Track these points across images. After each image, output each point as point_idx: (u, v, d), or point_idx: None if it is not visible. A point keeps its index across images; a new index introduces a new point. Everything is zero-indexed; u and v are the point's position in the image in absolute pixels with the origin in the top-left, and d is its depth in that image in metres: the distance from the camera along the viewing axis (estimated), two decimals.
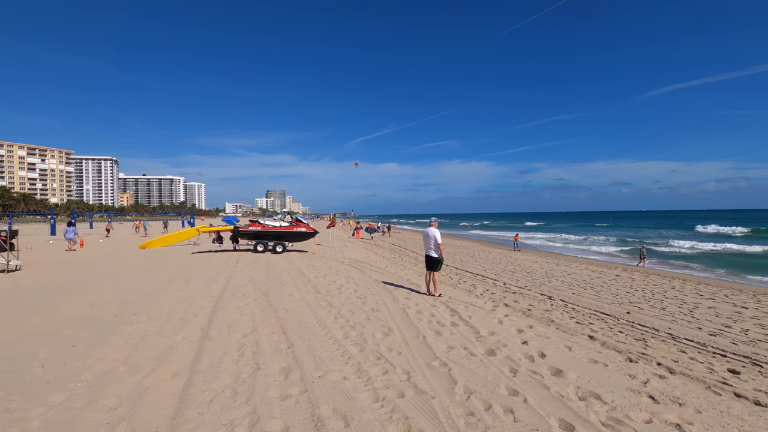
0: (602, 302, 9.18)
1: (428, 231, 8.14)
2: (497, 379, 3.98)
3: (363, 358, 4.47)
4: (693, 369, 4.85)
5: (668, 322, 7.55)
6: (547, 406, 3.42)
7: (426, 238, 8.13)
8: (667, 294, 10.69)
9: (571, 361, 4.69)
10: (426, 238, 8.13)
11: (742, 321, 7.90)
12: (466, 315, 6.59)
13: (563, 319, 7.09)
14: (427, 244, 8.13)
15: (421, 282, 9.94)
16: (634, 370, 4.54)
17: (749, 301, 10.18)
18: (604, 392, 3.80)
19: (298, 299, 7.54)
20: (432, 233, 8.05)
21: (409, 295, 8.13)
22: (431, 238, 8.02)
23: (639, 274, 15.30)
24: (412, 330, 5.61)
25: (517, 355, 4.76)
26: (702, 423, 3.33)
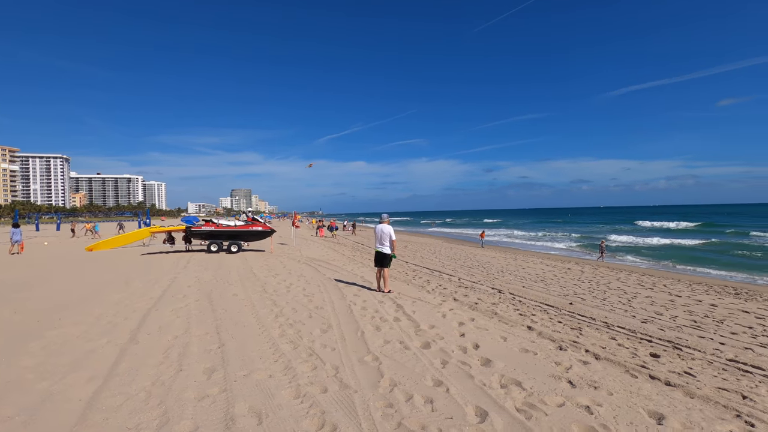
0: (549, 294, 9.54)
1: (381, 227, 8.20)
2: (425, 371, 4.03)
3: (295, 355, 4.41)
4: (617, 354, 5.11)
5: (606, 311, 7.94)
6: (467, 395, 3.50)
7: (380, 234, 8.17)
8: (611, 285, 11.26)
9: (503, 351, 4.83)
10: (380, 234, 8.17)
11: (674, 308, 8.44)
12: (410, 310, 6.65)
13: (507, 312, 7.30)
14: (379, 240, 8.19)
15: (374, 279, 9.94)
16: (561, 358, 4.74)
17: (684, 290, 10.90)
18: (527, 379, 3.94)
19: (242, 299, 7.35)
20: (386, 230, 8.12)
21: (359, 292, 8.13)
22: (385, 234, 8.10)
23: (589, 267, 16.05)
24: (352, 326, 5.60)
25: (451, 347, 4.85)
26: (611, 404, 3.52)
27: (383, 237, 8.10)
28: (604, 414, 3.30)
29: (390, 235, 8.05)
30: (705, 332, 6.58)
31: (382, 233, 8.11)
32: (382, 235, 8.11)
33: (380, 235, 8.14)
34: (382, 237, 8.11)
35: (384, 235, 8.09)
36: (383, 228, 8.14)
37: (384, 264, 8.14)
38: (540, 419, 3.13)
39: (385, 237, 8.08)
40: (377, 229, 8.25)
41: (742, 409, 3.65)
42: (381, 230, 8.15)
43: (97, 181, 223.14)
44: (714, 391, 4.09)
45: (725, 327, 6.98)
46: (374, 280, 9.83)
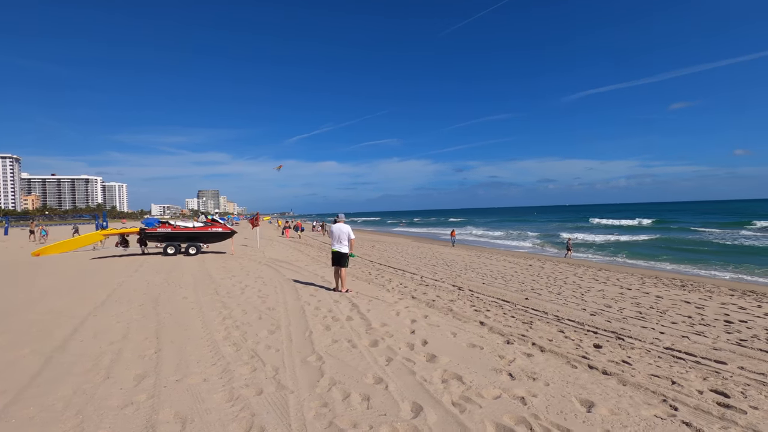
0: (507, 290, 9.75)
1: (339, 227, 8.19)
2: (368, 368, 4.00)
3: (235, 357, 4.28)
4: (562, 346, 5.27)
5: (559, 305, 8.18)
6: (405, 391, 3.50)
7: (338, 233, 8.13)
8: (568, 280, 11.64)
9: (450, 346, 4.88)
10: (338, 233, 8.13)
11: (623, 301, 8.80)
12: (365, 309, 6.62)
13: (463, 308, 7.40)
14: (337, 239, 8.14)
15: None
16: (506, 352, 4.83)
17: (635, 283, 11.41)
18: (468, 373, 3.98)
19: (191, 302, 7.09)
20: (344, 229, 8.14)
21: (316, 292, 8.03)
22: (344, 233, 8.10)
23: (550, 263, 16.56)
24: (301, 326, 5.51)
25: (399, 344, 4.85)
26: (546, 394, 3.61)
27: (341, 236, 8.10)
28: (537, 404, 3.38)
29: (348, 234, 8.08)
30: (648, 323, 6.90)
31: (341, 232, 8.10)
32: (341, 234, 8.10)
33: (338, 234, 8.12)
34: (341, 236, 8.10)
35: (342, 234, 8.09)
36: (341, 227, 8.14)
37: (342, 263, 8.13)
38: (473, 412, 3.17)
39: (343, 236, 8.09)
40: (335, 228, 8.20)
41: (669, 393, 3.83)
42: (339, 229, 8.13)
43: (52, 182, 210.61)
44: (646, 378, 4.28)
45: (667, 317, 7.35)
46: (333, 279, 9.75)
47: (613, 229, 44.90)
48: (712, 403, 3.70)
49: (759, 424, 3.28)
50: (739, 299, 9.43)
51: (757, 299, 9.55)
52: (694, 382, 4.20)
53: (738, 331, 6.44)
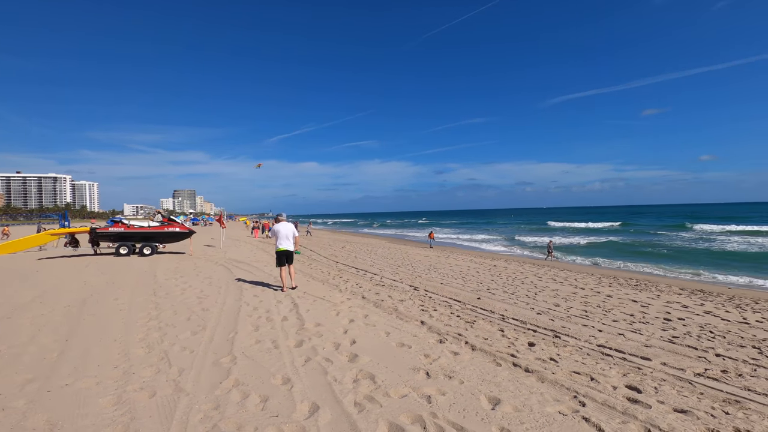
0: (463, 290, 9.78)
1: (286, 225, 8.33)
2: (280, 369, 3.90)
3: (143, 360, 4.10)
4: (495, 345, 5.27)
5: (510, 304, 8.25)
6: (310, 392, 3.41)
7: (285, 232, 8.26)
8: (526, 280, 11.79)
9: (378, 346, 4.82)
10: (285, 232, 8.26)
11: (573, 300, 8.95)
12: (306, 309, 6.51)
13: (410, 308, 7.36)
14: (285, 237, 8.25)
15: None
16: (434, 350, 4.80)
17: (590, 283, 11.66)
18: (384, 373, 3.92)
19: (121, 303, 6.82)
20: (290, 227, 8.35)
21: (261, 292, 7.87)
22: (290, 231, 8.30)
23: (515, 264, 16.79)
24: (229, 327, 5.35)
25: (325, 344, 4.76)
26: (456, 392, 3.58)
27: (289, 234, 8.27)
28: (442, 402, 3.34)
29: (294, 233, 8.33)
30: (590, 321, 7.02)
31: (288, 231, 8.28)
32: (288, 232, 8.28)
33: (285, 232, 8.26)
34: (288, 234, 8.27)
35: (290, 233, 8.29)
36: (287, 226, 8.32)
37: (290, 261, 8.33)
38: (371, 411, 3.10)
39: (290, 234, 8.29)
40: (280, 227, 8.28)
41: (583, 390, 3.86)
42: (286, 228, 8.29)
43: (17, 180, 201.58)
44: (567, 375, 4.32)
45: (610, 315, 7.49)
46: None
47: (585, 231, 46.07)
48: (621, 398, 3.75)
49: (657, 418, 3.33)
50: (685, 298, 9.75)
51: (702, 298, 9.90)
52: (612, 379, 4.26)
53: (673, 329, 6.63)
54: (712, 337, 6.17)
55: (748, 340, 6.03)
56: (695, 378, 4.42)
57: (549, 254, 20.75)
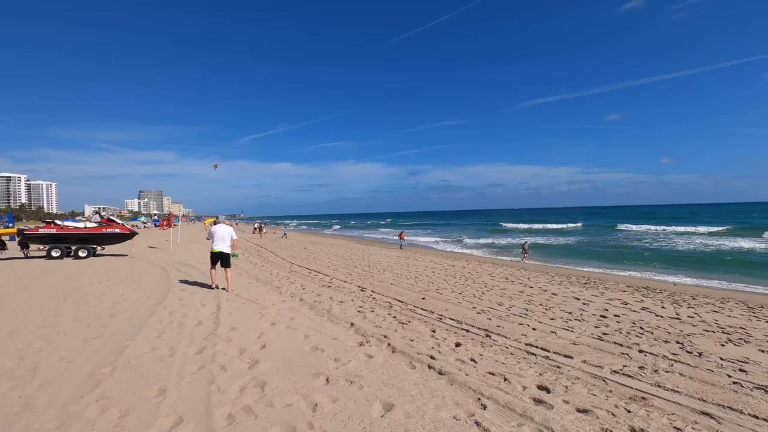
0: (411, 290, 9.61)
1: (223, 227, 8.35)
2: (162, 379, 3.58)
3: (5, 373, 3.66)
4: (417, 347, 5.09)
5: (453, 304, 8.12)
6: (181, 404, 3.11)
7: (222, 234, 8.25)
8: (479, 280, 11.77)
9: (288, 350, 4.55)
10: (222, 234, 8.25)
11: (518, 299, 8.93)
12: (228, 312, 6.17)
13: (346, 309, 7.13)
14: (221, 239, 8.23)
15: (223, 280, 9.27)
16: (349, 354, 4.58)
17: (541, 282, 11.76)
18: (280, 380, 3.66)
19: (21, 309, 6.27)
20: (228, 230, 8.35)
21: (190, 295, 7.51)
22: (227, 234, 8.29)
23: (475, 263, 16.86)
24: (129, 334, 4.95)
25: (229, 350, 4.45)
26: (349, 398, 3.36)
27: (225, 236, 8.25)
28: (328, 411, 3.11)
29: (231, 235, 8.31)
30: (527, 319, 6.97)
31: (224, 233, 8.25)
32: (224, 234, 8.25)
33: (222, 234, 8.23)
34: (224, 236, 8.24)
35: (226, 235, 8.27)
36: (224, 228, 8.32)
37: (226, 263, 8.24)
38: (241, 424, 2.84)
39: (227, 236, 8.26)
40: (217, 229, 8.27)
41: (489, 391, 3.72)
42: (223, 230, 8.27)
43: None
44: (480, 376, 4.18)
45: (550, 313, 7.49)
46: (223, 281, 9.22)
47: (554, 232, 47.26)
48: (527, 399, 3.63)
49: (554, 419, 3.21)
50: (628, 295, 9.95)
51: (644, 295, 10.13)
52: (526, 379, 4.15)
53: (606, 325, 6.66)
54: (641, 333, 6.23)
55: (674, 336, 6.12)
56: (611, 375, 4.38)
57: (524, 255, 20.51)
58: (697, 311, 8.13)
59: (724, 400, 3.78)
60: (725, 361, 4.94)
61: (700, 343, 5.72)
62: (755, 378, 4.38)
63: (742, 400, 3.80)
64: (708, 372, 4.55)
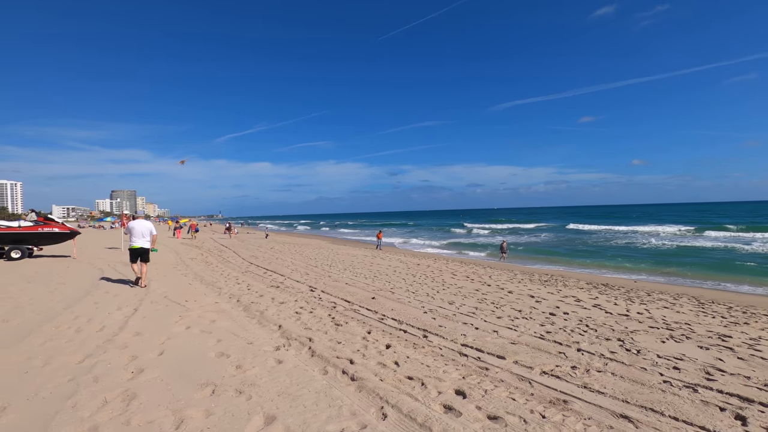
0: (365, 290, 9.25)
1: (142, 223, 8.38)
2: (13, 395, 3.09)
3: None
4: (342, 350, 4.75)
5: (402, 303, 7.79)
6: (12, 426, 2.64)
7: (140, 230, 8.27)
8: (438, 278, 11.51)
9: (187, 357, 4.13)
10: (140, 230, 8.27)
11: (471, 297, 8.69)
12: (143, 315, 5.70)
13: (283, 310, 6.74)
14: (140, 235, 8.25)
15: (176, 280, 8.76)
16: (257, 359, 4.20)
17: (501, 280, 11.59)
18: (158, 392, 3.25)
19: None
20: (147, 225, 8.38)
21: (111, 297, 7.00)
22: (146, 229, 8.34)
23: (443, 262, 16.65)
24: (8, 341, 4.40)
25: (117, 358, 4.00)
26: (227, 412, 2.99)
27: (144, 232, 8.28)
28: (195, 426, 2.73)
29: (151, 231, 8.38)
30: (473, 318, 6.71)
31: (144, 229, 8.29)
32: (143, 230, 8.28)
33: (141, 230, 8.27)
34: (143, 232, 8.28)
35: (145, 230, 8.32)
36: (143, 223, 8.33)
37: (145, 259, 8.32)
38: None
39: (146, 232, 8.31)
40: (136, 225, 8.27)
41: (396, 398, 3.40)
42: (142, 226, 8.30)
43: None
44: (397, 381, 3.86)
45: (499, 312, 7.25)
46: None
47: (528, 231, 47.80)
48: (436, 406, 3.32)
49: (456, 429, 2.91)
50: (585, 292, 9.85)
51: (601, 292, 10.06)
52: (446, 383, 3.85)
53: (552, 323, 6.46)
54: (585, 331, 6.05)
55: (618, 333, 5.95)
56: (539, 377, 4.12)
57: (502, 255, 20.22)
58: (648, 307, 8.06)
59: (649, 401, 3.56)
60: (661, 359, 4.77)
61: (641, 340, 5.56)
62: (686, 376, 4.20)
63: (667, 400, 3.59)
64: (641, 371, 4.35)
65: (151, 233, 8.33)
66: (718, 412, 3.39)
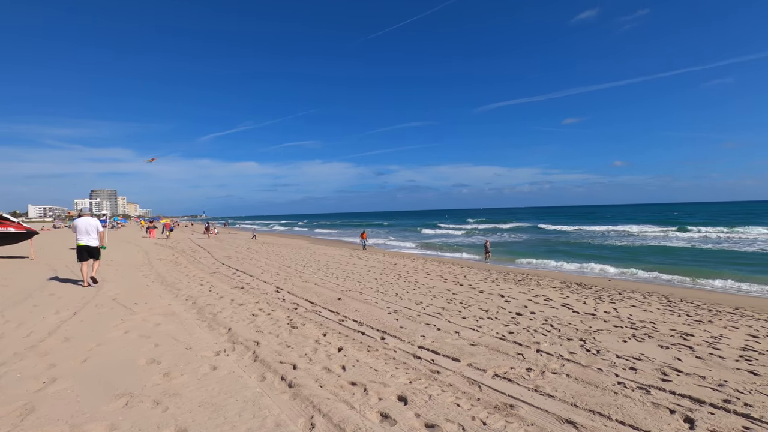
0: (332, 291, 8.98)
1: (87, 220, 8.19)
2: None
3: None
4: (286, 354, 4.51)
5: (368, 304, 7.55)
6: None
7: (85, 227, 8.07)
8: (411, 278, 11.31)
9: (114, 365, 3.84)
10: (85, 227, 8.07)
11: (441, 297, 8.50)
12: (81, 319, 5.36)
13: (240, 312, 6.46)
14: (85, 233, 8.02)
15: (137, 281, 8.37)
16: (190, 366, 3.92)
17: (475, 279, 11.46)
18: (61, 404, 2.97)
19: None
20: (92, 222, 8.21)
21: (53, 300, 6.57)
22: (92, 227, 8.14)
23: (420, 261, 16.50)
24: None
25: (33, 367, 3.69)
26: (135, 426, 2.70)
27: (90, 229, 8.07)
28: None
29: (97, 228, 8.18)
30: (438, 319, 6.51)
31: (89, 226, 8.09)
32: (89, 227, 8.08)
33: (86, 227, 8.06)
34: (89, 229, 8.06)
35: (91, 228, 8.11)
36: (89, 221, 8.16)
37: (94, 256, 8.18)
38: None
39: (92, 229, 8.10)
40: (81, 222, 8.08)
41: (329, 406, 3.17)
42: (87, 223, 8.11)
43: None
44: (338, 387, 3.64)
45: (465, 312, 7.08)
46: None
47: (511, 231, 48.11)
48: (371, 415, 3.10)
49: None
50: (557, 291, 9.78)
51: (573, 291, 10.01)
52: (390, 388, 3.64)
53: (517, 323, 6.32)
54: (548, 330, 5.91)
55: (581, 332, 5.84)
56: (490, 380, 3.94)
57: (486, 254, 20.01)
58: (616, 306, 8.00)
59: (598, 404, 3.41)
60: (620, 359, 4.65)
61: (603, 340, 5.45)
62: (642, 377, 4.08)
63: (617, 403, 3.44)
64: (597, 372, 4.22)
65: (98, 230, 8.13)
66: (668, 415, 3.26)
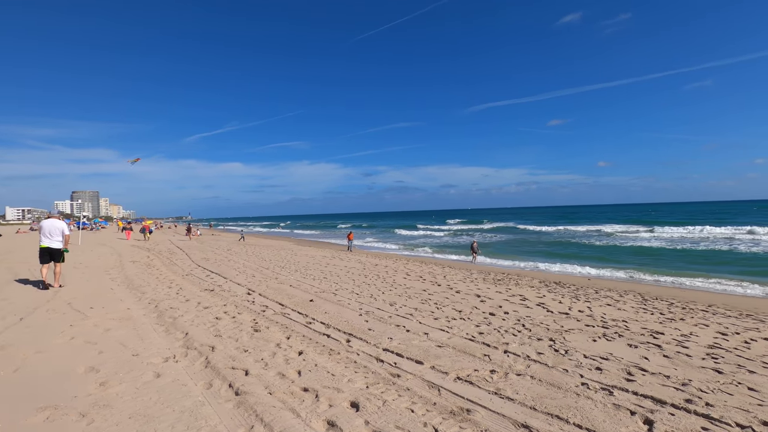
0: (306, 292, 8.76)
1: (53, 222, 8.01)
2: None
3: None
4: (241, 359, 4.32)
5: (341, 306, 7.38)
6: None
7: (49, 229, 7.90)
8: (389, 279, 11.17)
9: (49, 373, 3.61)
10: (49, 229, 7.90)
11: (416, 298, 8.36)
12: (28, 324, 5.09)
13: (200, 316, 6.23)
14: (48, 235, 7.86)
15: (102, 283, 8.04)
16: (132, 374, 3.70)
17: (455, 279, 11.36)
18: (8, 404, 2.69)
19: None
20: (58, 225, 8.01)
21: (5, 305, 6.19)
22: (57, 229, 7.96)
23: (402, 262, 16.36)
24: None
25: None
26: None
27: (54, 231, 7.90)
28: None
29: (62, 230, 8.03)
30: (408, 320, 6.36)
31: (53, 228, 7.92)
32: (53, 229, 7.91)
33: (50, 229, 7.89)
34: (53, 231, 7.90)
35: (55, 230, 7.95)
36: (54, 223, 7.99)
37: (57, 258, 7.96)
38: None
39: (56, 231, 7.95)
40: (46, 224, 7.95)
41: (273, 416, 2.99)
42: (52, 225, 7.94)
43: None
44: (289, 394, 3.46)
45: (438, 313, 6.95)
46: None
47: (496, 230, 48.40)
48: (317, 423, 2.94)
49: None
50: (534, 291, 9.72)
51: (550, 290, 9.96)
52: (344, 393, 3.48)
53: (489, 324, 6.21)
54: (519, 330, 5.82)
55: (552, 332, 5.75)
56: (451, 383, 3.81)
57: (474, 255, 19.79)
58: (591, 305, 7.96)
59: (558, 406, 3.29)
60: (587, 359, 4.56)
61: (572, 340, 5.37)
62: (606, 377, 3.99)
63: (578, 405, 3.33)
64: (562, 373, 4.11)
65: (63, 233, 7.98)
66: (627, 417, 3.16)
